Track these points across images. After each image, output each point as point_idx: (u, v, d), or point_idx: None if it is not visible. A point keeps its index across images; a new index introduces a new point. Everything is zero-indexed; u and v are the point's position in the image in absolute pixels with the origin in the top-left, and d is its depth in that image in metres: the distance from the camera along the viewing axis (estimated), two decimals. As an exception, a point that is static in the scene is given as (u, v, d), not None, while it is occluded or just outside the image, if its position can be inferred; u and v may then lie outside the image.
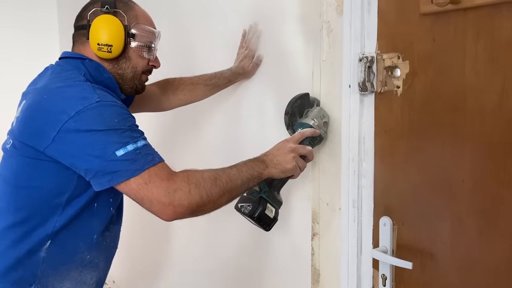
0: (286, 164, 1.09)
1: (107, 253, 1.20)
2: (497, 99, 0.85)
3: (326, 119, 1.18)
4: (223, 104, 1.64)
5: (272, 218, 1.10)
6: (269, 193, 1.10)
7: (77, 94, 1.03)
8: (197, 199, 0.98)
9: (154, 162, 0.99)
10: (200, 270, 1.89)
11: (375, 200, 1.10)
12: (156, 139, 1.84)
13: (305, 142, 1.14)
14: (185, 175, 1.00)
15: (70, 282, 1.11)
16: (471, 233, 0.90)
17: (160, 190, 0.96)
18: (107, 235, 1.17)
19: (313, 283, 1.28)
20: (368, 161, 1.11)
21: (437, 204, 0.96)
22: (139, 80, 1.23)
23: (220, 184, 1.01)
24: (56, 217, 1.07)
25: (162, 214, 0.98)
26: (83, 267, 1.13)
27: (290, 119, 1.18)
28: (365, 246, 1.14)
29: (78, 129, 0.98)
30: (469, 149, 0.89)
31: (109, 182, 0.98)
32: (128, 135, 1.00)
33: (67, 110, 0.99)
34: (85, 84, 1.06)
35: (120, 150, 0.96)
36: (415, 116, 0.99)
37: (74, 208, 1.08)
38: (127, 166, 0.96)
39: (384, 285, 1.07)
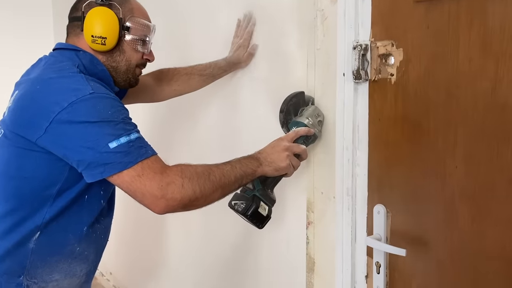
0: (280, 163, 1.09)
1: (97, 245, 1.20)
2: (490, 86, 0.85)
3: (321, 118, 1.18)
4: (217, 95, 1.64)
5: (265, 216, 1.10)
6: (263, 191, 1.11)
7: (70, 86, 1.02)
8: (190, 193, 0.98)
9: (147, 155, 0.99)
10: (197, 258, 1.90)
11: (369, 188, 1.11)
12: (150, 132, 1.85)
13: (299, 141, 1.15)
14: (178, 169, 1.00)
15: (59, 273, 1.11)
16: (464, 219, 0.90)
17: (153, 183, 0.96)
18: (97, 227, 1.17)
19: (308, 271, 1.29)
20: (362, 149, 1.11)
21: (430, 191, 0.96)
22: (133, 74, 1.22)
23: (213, 179, 1.01)
24: (46, 208, 1.07)
25: (154, 207, 0.98)
26: (73, 259, 1.12)
27: (285, 117, 1.18)
28: (359, 234, 1.14)
29: (71, 120, 0.97)
30: (462, 136, 0.90)
31: (101, 174, 0.98)
32: (122, 127, 0.99)
33: (60, 101, 0.98)
34: (79, 75, 1.06)
35: (113, 142, 0.96)
36: (409, 104, 0.99)
37: (64, 200, 1.08)
38: (120, 158, 0.96)
39: (378, 273, 1.08)
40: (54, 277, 1.10)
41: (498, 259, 0.86)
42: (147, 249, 2.32)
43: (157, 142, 1.19)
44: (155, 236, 2.21)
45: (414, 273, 1.01)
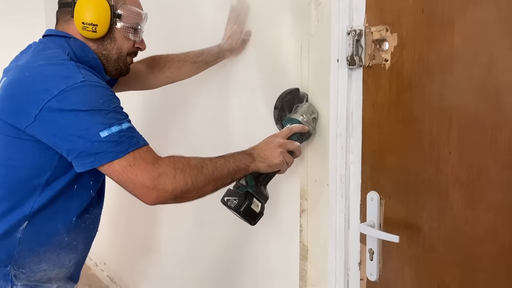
0: (273, 159, 1.08)
1: (86, 235, 1.18)
2: (485, 71, 0.84)
3: (315, 115, 1.18)
4: (210, 83, 1.62)
5: (258, 212, 1.10)
6: (256, 188, 1.10)
7: (61, 73, 1.01)
8: (181, 185, 0.97)
9: (138, 145, 0.98)
10: (190, 247, 1.90)
11: (363, 175, 1.10)
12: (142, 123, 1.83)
13: (293, 138, 1.14)
14: (171, 160, 0.99)
15: (47, 264, 1.09)
16: (457, 205, 0.90)
17: (145, 173, 0.96)
18: (86, 217, 1.16)
19: (302, 259, 1.29)
20: (356, 136, 1.11)
21: (424, 178, 0.96)
22: (124, 62, 1.21)
23: (206, 172, 1.00)
24: (35, 198, 1.05)
25: (145, 197, 0.97)
26: (61, 249, 1.11)
27: (279, 114, 1.18)
28: (352, 221, 1.14)
29: (61, 108, 0.96)
30: (456, 122, 0.89)
31: (91, 163, 0.96)
32: (113, 116, 0.98)
33: (50, 89, 0.97)
34: (69, 63, 1.04)
35: (104, 131, 0.95)
36: (403, 89, 0.98)
37: (53, 190, 1.06)
38: (111, 147, 0.95)
39: (372, 259, 1.08)
40: (42, 267, 1.09)
41: (490, 244, 0.86)
42: (140, 239, 2.32)
43: (150, 133, 1.18)
44: (149, 226, 2.20)
45: (407, 260, 1.01)
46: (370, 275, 1.08)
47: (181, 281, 1.98)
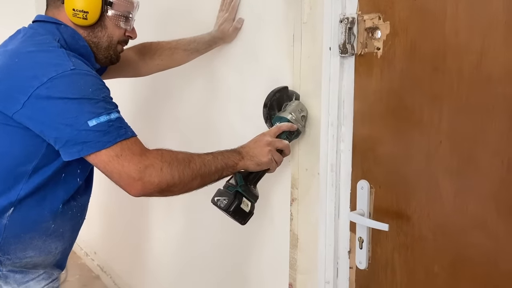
0: (262, 157, 1.09)
1: (73, 223, 1.17)
2: (476, 60, 0.84)
3: (304, 113, 1.18)
4: (202, 71, 1.61)
5: (248, 212, 1.10)
6: (245, 187, 1.10)
7: (50, 60, 0.99)
8: (168, 178, 0.97)
9: (126, 135, 0.98)
10: (180, 236, 1.90)
11: (353, 164, 1.10)
12: (131, 114, 1.81)
13: (282, 136, 1.14)
14: (159, 153, 0.99)
15: (33, 250, 1.08)
16: (447, 194, 0.90)
17: (131, 164, 0.95)
18: (73, 205, 1.15)
19: (292, 247, 1.29)
20: (347, 125, 1.11)
21: (414, 166, 0.96)
22: (114, 50, 1.20)
23: (193, 167, 1.00)
24: (21, 185, 1.04)
25: (130, 188, 0.97)
26: (47, 236, 1.10)
27: (269, 112, 1.18)
28: (342, 210, 1.14)
29: (50, 96, 0.95)
30: (447, 110, 0.89)
31: (78, 152, 0.96)
32: (102, 106, 0.97)
33: (39, 75, 0.96)
34: (60, 50, 1.03)
35: (93, 120, 0.94)
36: (395, 78, 0.98)
37: (40, 177, 1.05)
38: (99, 137, 0.94)
39: (361, 248, 1.08)
40: (28, 254, 1.08)
41: (479, 233, 0.86)
42: (131, 229, 2.31)
43: (139, 124, 1.16)
44: (140, 216, 2.19)
45: (396, 248, 1.02)
46: (359, 263, 1.09)
47: (172, 270, 1.98)
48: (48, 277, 1.12)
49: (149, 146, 1.02)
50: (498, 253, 0.84)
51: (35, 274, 1.09)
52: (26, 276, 1.07)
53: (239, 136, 1.47)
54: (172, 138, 1.85)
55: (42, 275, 1.10)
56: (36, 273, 1.09)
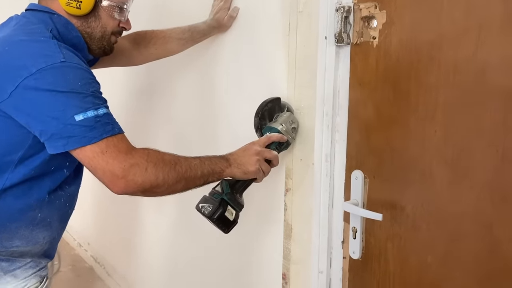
0: (249, 166, 1.08)
1: (61, 213, 1.16)
2: (472, 48, 0.83)
3: (295, 125, 1.18)
4: (196, 61, 1.60)
5: (232, 220, 1.09)
6: (231, 196, 1.10)
7: (41, 51, 0.98)
8: (152, 179, 0.96)
9: (113, 132, 0.97)
10: (172, 226, 1.89)
11: (348, 154, 1.10)
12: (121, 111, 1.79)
13: (271, 147, 1.14)
14: (145, 152, 0.98)
15: (20, 240, 1.07)
16: (441, 183, 0.90)
17: (116, 161, 0.94)
18: (61, 194, 1.13)
19: (286, 238, 1.29)
20: (342, 115, 1.10)
21: (408, 156, 0.96)
22: (108, 41, 1.18)
23: (179, 170, 1.00)
24: (7, 174, 1.03)
25: (113, 186, 0.96)
26: (34, 225, 1.08)
27: (260, 122, 1.18)
28: (336, 200, 1.14)
29: (38, 87, 0.93)
30: (442, 100, 0.89)
31: (63, 146, 0.95)
32: (90, 100, 0.96)
33: (29, 66, 0.94)
34: (51, 41, 1.01)
35: (80, 115, 0.93)
36: (390, 68, 0.97)
37: (26, 168, 1.04)
38: (85, 132, 0.93)
39: (355, 238, 1.08)
40: (15, 244, 1.06)
41: (472, 222, 0.87)
42: (125, 220, 2.30)
43: (129, 121, 1.15)
44: (133, 207, 2.18)
45: (390, 238, 1.02)
46: (353, 253, 1.09)
47: (165, 259, 1.98)
48: (35, 265, 1.10)
49: (140, 141, 1.01)
50: (492, 243, 0.84)
51: (22, 263, 1.07)
52: (12, 265, 1.06)
53: (233, 126, 1.46)
54: (166, 132, 1.83)
55: (30, 263, 1.09)
56: (23, 262, 1.08)
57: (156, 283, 2.08)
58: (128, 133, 1.02)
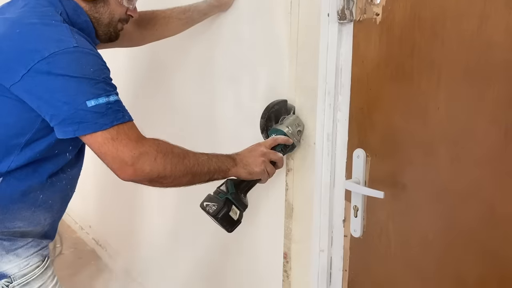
0: (255, 167, 1.09)
1: (62, 195, 1.16)
2: (476, 24, 0.83)
3: (301, 128, 1.19)
4: (197, 40, 1.58)
5: (236, 220, 1.10)
6: (236, 195, 1.10)
7: (54, 35, 0.97)
8: (160, 169, 0.97)
9: (124, 119, 0.97)
10: (172, 212, 1.90)
11: (350, 133, 1.10)
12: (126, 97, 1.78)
13: (277, 149, 1.14)
14: (155, 142, 0.99)
15: (22, 221, 1.08)
16: (443, 161, 0.90)
17: (126, 149, 0.95)
18: (63, 177, 1.14)
19: (287, 217, 1.29)
20: (344, 93, 1.10)
21: (411, 134, 0.96)
22: (114, 28, 1.17)
23: (187, 164, 1.00)
24: (13, 157, 1.03)
25: (121, 172, 0.97)
26: (36, 207, 1.09)
27: (266, 124, 1.19)
28: (338, 179, 1.14)
29: (51, 71, 0.93)
30: (445, 77, 0.88)
31: (74, 132, 0.95)
32: (102, 87, 0.96)
33: (41, 50, 0.93)
34: (63, 25, 1.01)
35: (92, 101, 0.93)
36: (393, 45, 0.96)
37: (32, 151, 1.04)
38: (96, 118, 0.94)
39: (356, 216, 1.09)
40: (17, 225, 1.07)
41: (473, 200, 0.87)
42: (126, 202, 2.31)
43: (134, 107, 1.14)
44: (134, 190, 2.19)
45: (391, 216, 1.02)
46: (354, 232, 1.10)
47: (166, 241, 1.99)
48: (37, 244, 1.11)
49: (145, 129, 1.02)
50: (494, 220, 0.84)
51: (23, 242, 1.08)
52: (14, 244, 1.07)
53: (234, 107, 1.45)
54: (169, 118, 1.83)
55: (31, 242, 1.10)
56: (25, 241, 1.09)
57: (157, 264, 2.10)
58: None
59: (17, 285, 1.07)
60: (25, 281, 1.08)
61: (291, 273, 1.30)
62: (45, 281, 1.12)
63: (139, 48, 1.67)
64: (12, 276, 1.06)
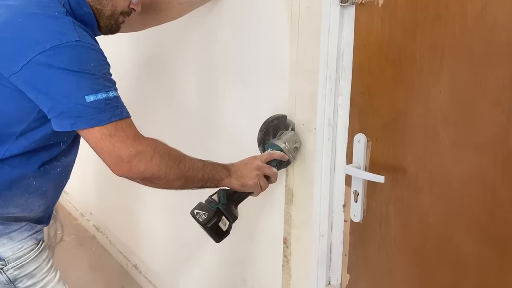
0: (248, 180, 1.09)
1: (56, 182, 1.16)
2: (480, 5, 0.81)
3: (297, 145, 1.19)
4: (197, 23, 1.57)
5: (224, 231, 1.10)
6: (227, 206, 1.11)
7: (56, 28, 0.96)
8: (154, 169, 0.98)
9: (121, 116, 0.97)
10: (175, 198, 1.90)
11: (351, 118, 1.09)
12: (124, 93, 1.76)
13: (272, 163, 1.15)
14: (153, 142, 1.00)
15: (15, 208, 1.08)
16: (445, 144, 0.90)
17: (123, 146, 0.96)
18: (57, 164, 1.14)
19: (287, 203, 1.29)
20: (346, 78, 1.09)
21: (412, 118, 0.95)
22: (116, 21, 1.17)
23: (182, 168, 1.01)
24: (7, 145, 1.03)
25: (116, 168, 0.97)
26: (30, 194, 1.09)
27: (263, 137, 1.19)
28: (338, 164, 1.14)
29: (51, 64, 0.92)
30: (448, 59, 0.87)
31: (71, 125, 0.95)
32: (101, 82, 0.96)
33: (43, 41, 0.93)
34: (66, 18, 1.00)
35: (91, 96, 0.93)
36: (396, 27, 0.95)
37: (27, 141, 1.04)
38: (94, 114, 0.94)
39: (356, 201, 1.08)
40: (10, 211, 1.07)
41: (475, 183, 0.86)
42: (126, 189, 2.31)
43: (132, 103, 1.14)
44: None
45: (391, 201, 1.02)
46: (354, 216, 1.09)
47: (166, 227, 1.99)
48: (31, 228, 1.11)
49: (144, 127, 1.01)
50: (495, 203, 0.84)
51: (17, 226, 1.09)
52: (8, 228, 1.07)
53: (235, 95, 1.45)
54: (167, 112, 1.82)
55: (25, 226, 1.10)
56: (19, 225, 1.09)
57: (157, 250, 2.11)
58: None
59: (11, 267, 1.07)
60: (20, 264, 1.08)
61: (291, 258, 1.30)
62: (40, 264, 1.12)
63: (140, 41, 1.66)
64: (6, 259, 1.07)
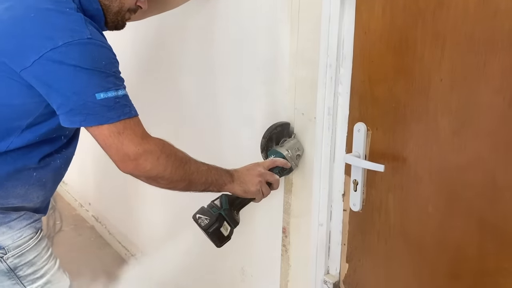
0: (251, 186, 1.10)
1: (56, 173, 1.17)
2: (483, -8, 0.81)
3: (300, 153, 1.20)
4: (195, 19, 1.56)
5: (226, 236, 1.10)
6: (229, 212, 1.11)
7: (68, 24, 0.96)
8: (160, 169, 0.99)
9: (130, 114, 0.98)
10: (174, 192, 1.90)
11: (351, 106, 1.09)
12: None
13: (274, 170, 1.15)
14: (161, 142, 1.01)
15: (15, 199, 1.08)
16: (445, 133, 0.89)
17: (131, 144, 0.97)
18: (57, 156, 1.15)
19: (286, 192, 1.29)
20: (346, 66, 1.08)
21: (413, 107, 0.94)
22: (122, 17, 1.16)
23: (187, 170, 1.02)
24: (12, 138, 1.04)
25: (122, 165, 0.99)
26: (30, 185, 1.10)
27: (266, 144, 1.20)
28: (338, 153, 1.13)
29: (63, 61, 0.93)
30: (449, 47, 0.86)
31: (80, 122, 0.96)
32: (112, 81, 0.97)
33: (55, 38, 0.93)
34: (78, 14, 1.00)
35: (101, 93, 0.94)
36: (397, 15, 0.94)
37: (32, 134, 1.05)
38: (104, 111, 0.95)
39: (356, 190, 1.08)
40: (10, 202, 1.08)
41: (474, 171, 0.86)
42: (125, 180, 2.30)
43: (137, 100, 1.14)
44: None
45: (391, 190, 1.02)
46: (353, 206, 1.09)
47: (164, 217, 1.99)
48: (29, 217, 1.12)
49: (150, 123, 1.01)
50: (495, 191, 0.84)
51: (16, 215, 1.09)
52: (7, 217, 1.08)
53: (235, 86, 1.44)
54: (172, 112, 1.81)
55: (24, 215, 1.11)
56: (18, 214, 1.10)
57: (156, 240, 2.11)
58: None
59: (11, 256, 1.08)
60: (20, 252, 1.09)
61: (290, 247, 1.30)
62: (39, 252, 1.13)
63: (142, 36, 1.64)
64: (6, 248, 1.07)
